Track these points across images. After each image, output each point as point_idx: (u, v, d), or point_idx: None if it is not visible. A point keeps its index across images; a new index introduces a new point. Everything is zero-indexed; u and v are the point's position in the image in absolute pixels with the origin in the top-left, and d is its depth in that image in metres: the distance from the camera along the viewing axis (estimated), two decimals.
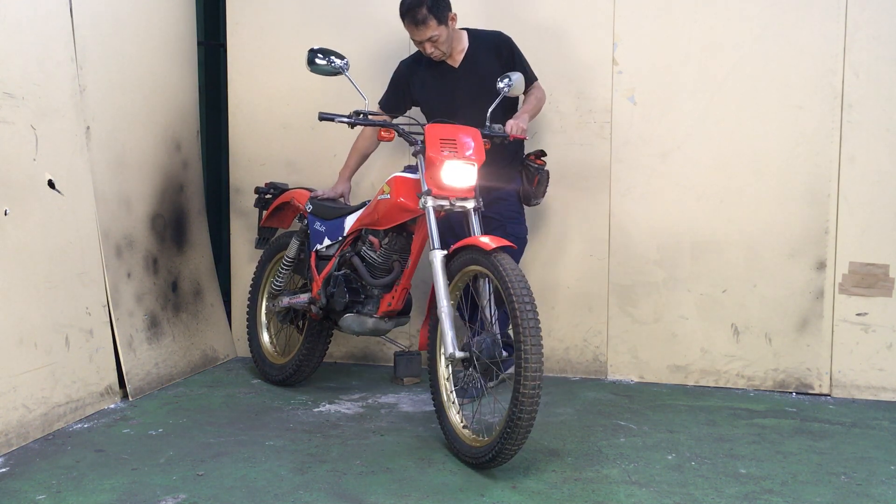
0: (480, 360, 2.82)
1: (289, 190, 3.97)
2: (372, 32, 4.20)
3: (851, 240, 3.73)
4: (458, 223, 3.31)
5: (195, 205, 4.33)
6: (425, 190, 3.05)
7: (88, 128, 3.49)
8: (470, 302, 3.18)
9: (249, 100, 4.41)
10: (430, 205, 3.03)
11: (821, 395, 3.80)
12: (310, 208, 3.76)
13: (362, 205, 3.53)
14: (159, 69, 4.04)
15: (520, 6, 4.03)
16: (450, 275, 2.97)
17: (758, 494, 2.63)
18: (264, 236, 4.10)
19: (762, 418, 3.45)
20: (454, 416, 2.99)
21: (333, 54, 3.30)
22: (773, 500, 2.60)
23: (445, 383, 3.03)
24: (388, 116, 3.73)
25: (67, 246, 3.31)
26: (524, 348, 2.60)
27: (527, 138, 3.54)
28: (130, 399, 3.57)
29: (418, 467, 2.85)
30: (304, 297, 3.71)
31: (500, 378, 2.99)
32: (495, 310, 3.03)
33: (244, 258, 4.48)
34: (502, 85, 3.31)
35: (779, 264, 3.82)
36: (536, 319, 2.63)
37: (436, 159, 3.01)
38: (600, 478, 2.76)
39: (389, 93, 3.81)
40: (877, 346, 3.73)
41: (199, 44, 4.53)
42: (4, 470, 2.77)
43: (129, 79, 3.79)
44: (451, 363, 2.92)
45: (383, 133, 3.19)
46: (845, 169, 3.73)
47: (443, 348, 2.99)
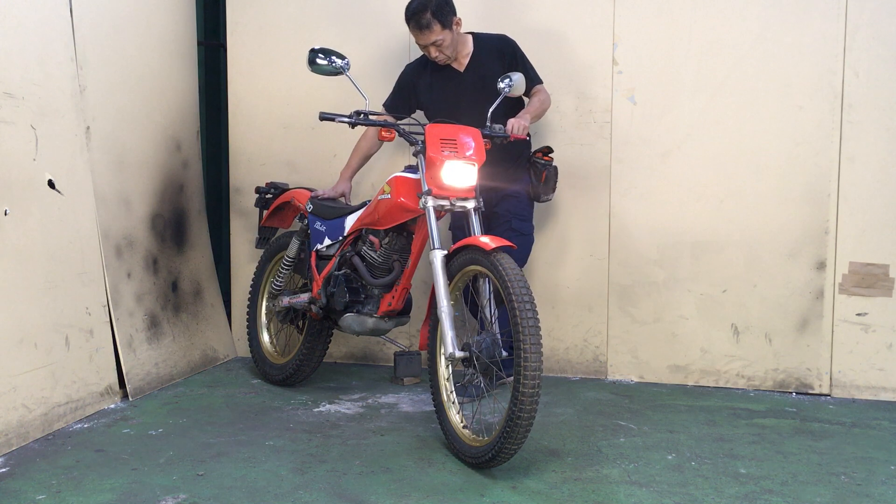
0: (480, 360, 2.82)
1: (289, 190, 3.97)
2: (372, 32, 4.20)
3: (851, 240, 3.73)
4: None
5: (195, 205, 4.33)
6: (426, 190, 3.05)
7: (88, 128, 3.49)
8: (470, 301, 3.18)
9: (249, 100, 4.41)
10: (430, 205, 3.04)
11: (821, 395, 3.80)
12: (310, 208, 3.76)
13: (363, 205, 3.53)
14: (159, 69, 4.04)
15: (520, 6, 4.03)
16: (450, 275, 2.97)
17: (758, 494, 2.63)
18: (265, 236, 4.10)
19: (762, 418, 3.45)
20: (454, 416, 2.99)
21: (334, 54, 3.30)
22: (773, 500, 2.60)
23: (445, 383, 3.03)
24: (391, 117, 3.73)
25: (67, 246, 3.30)
26: (524, 348, 2.60)
27: (527, 138, 3.54)
28: (130, 399, 3.57)
29: (418, 467, 2.85)
30: (304, 297, 3.71)
31: (500, 382, 2.99)
32: (495, 309, 3.03)
33: (244, 258, 4.48)
34: (503, 85, 3.32)
35: (779, 264, 3.82)
36: (536, 319, 2.63)
37: (436, 159, 3.01)
38: (600, 478, 2.76)
39: (394, 95, 3.81)
40: (877, 346, 3.73)
41: (199, 44, 4.53)
42: (4, 470, 2.77)
43: (129, 79, 3.79)
44: (451, 363, 2.92)
45: (384, 133, 3.19)
46: (845, 169, 3.73)
47: (443, 348, 2.99)
